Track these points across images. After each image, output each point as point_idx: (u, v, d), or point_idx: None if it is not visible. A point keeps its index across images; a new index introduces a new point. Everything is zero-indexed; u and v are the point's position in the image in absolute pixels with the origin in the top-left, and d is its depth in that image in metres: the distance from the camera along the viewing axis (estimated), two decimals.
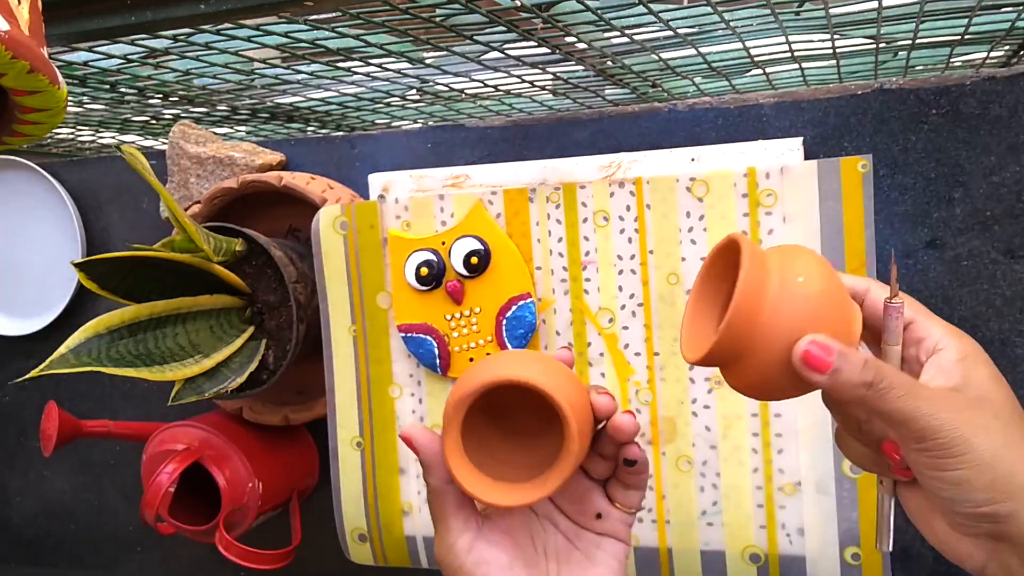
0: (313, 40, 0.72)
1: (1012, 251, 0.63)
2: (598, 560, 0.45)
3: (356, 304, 0.72)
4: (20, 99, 0.46)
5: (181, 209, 0.65)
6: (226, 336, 0.71)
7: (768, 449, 0.63)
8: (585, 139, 0.72)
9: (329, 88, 0.94)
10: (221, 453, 0.74)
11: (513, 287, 0.67)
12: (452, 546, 0.42)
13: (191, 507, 0.74)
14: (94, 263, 0.63)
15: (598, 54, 0.82)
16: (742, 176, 0.62)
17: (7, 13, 0.44)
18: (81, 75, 0.80)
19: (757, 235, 0.62)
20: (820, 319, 0.36)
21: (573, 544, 0.46)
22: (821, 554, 0.62)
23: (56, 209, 0.90)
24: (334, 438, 0.73)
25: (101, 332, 0.64)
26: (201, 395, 0.66)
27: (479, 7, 0.63)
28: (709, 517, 0.65)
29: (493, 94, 1.00)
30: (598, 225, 0.66)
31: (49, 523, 0.97)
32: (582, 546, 0.46)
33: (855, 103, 0.66)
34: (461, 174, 0.71)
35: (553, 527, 0.46)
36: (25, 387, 0.95)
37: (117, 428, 0.80)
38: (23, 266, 0.92)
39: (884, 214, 0.65)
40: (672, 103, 0.70)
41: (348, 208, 0.71)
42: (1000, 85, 0.63)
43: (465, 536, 0.42)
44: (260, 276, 0.72)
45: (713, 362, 0.38)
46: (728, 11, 0.68)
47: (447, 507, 0.43)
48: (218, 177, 0.80)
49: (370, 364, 0.72)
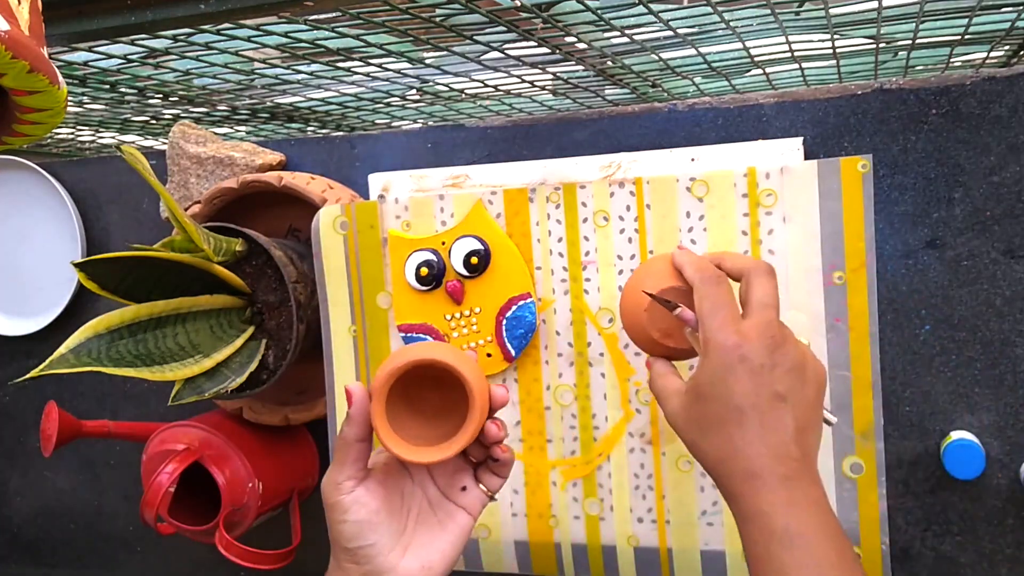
0: (313, 40, 0.72)
1: (1012, 251, 0.63)
2: (449, 528, 0.53)
3: (356, 304, 0.72)
4: (20, 99, 0.46)
5: (181, 209, 0.65)
6: (226, 336, 0.71)
7: None
8: (585, 139, 0.72)
9: (329, 88, 0.94)
10: (221, 453, 0.74)
11: (513, 287, 0.67)
12: (339, 484, 0.51)
13: (191, 507, 0.74)
14: (94, 263, 0.63)
15: (598, 54, 0.82)
16: (742, 176, 0.62)
17: (7, 13, 0.44)
18: (81, 75, 0.80)
19: (757, 235, 0.62)
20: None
21: (433, 509, 0.54)
22: None
23: (56, 209, 0.90)
24: (334, 438, 0.73)
25: (101, 332, 0.64)
26: (201, 395, 0.66)
27: (479, 7, 0.63)
28: (709, 517, 0.65)
29: (493, 94, 1.00)
30: (598, 225, 0.66)
31: (49, 523, 0.97)
32: (440, 513, 0.54)
33: (855, 103, 0.66)
34: (461, 174, 0.71)
35: (422, 492, 0.54)
36: (25, 387, 0.95)
37: (117, 428, 0.80)
38: (23, 266, 0.92)
39: (884, 214, 0.65)
40: (672, 103, 0.70)
41: (348, 208, 0.71)
42: (1000, 85, 0.63)
43: (352, 480, 0.51)
44: (260, 276, 0.72)
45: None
46: (728, 11, 0.68)
47: (349, 455, 0.51)
48: (218, 177, 0.80)
49: (370, 364, 0.72)
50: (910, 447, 0.66)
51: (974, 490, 0.65)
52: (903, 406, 0.66)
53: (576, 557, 0.68)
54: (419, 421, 0.53)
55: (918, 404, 0.66)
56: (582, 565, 0.68)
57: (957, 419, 0.65)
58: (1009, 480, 0.64)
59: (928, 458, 0.66)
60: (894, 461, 0.66)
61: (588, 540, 0.68)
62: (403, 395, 0.52)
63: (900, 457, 0.66)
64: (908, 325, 0.65)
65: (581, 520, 0.68)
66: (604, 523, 0.67)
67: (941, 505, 0.66)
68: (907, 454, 0.66)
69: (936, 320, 0.65)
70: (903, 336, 0.66)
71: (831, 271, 0.61)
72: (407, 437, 0.51)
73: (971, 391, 0.65)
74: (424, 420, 0.53)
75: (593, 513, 0.68)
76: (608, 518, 0.67)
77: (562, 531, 0.68)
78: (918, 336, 0.65)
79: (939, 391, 0.65)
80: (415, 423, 0.53)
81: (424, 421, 0.53)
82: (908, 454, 0.66)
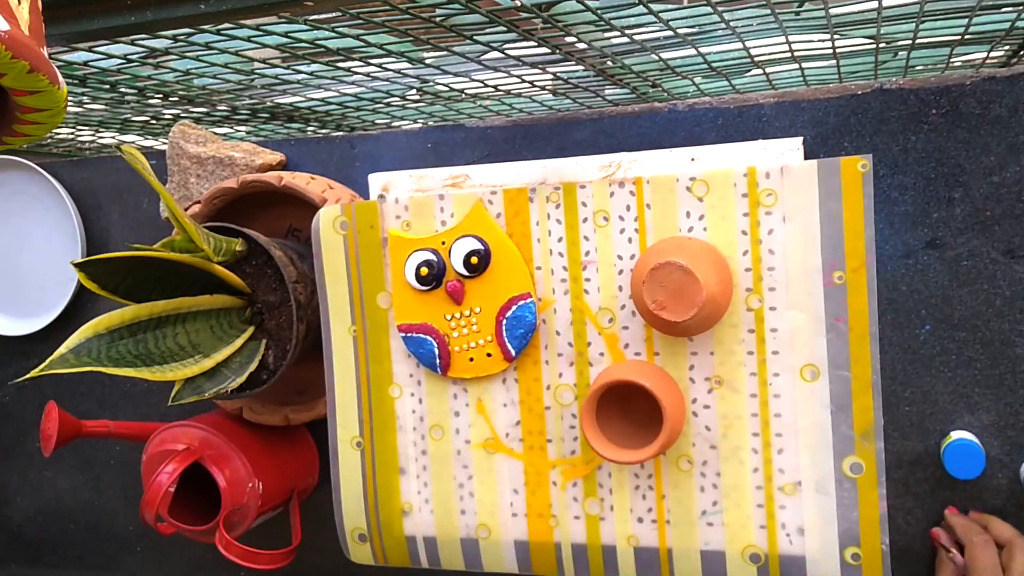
0: (313, 40, 0.72)
1: (1012, 251, 0.63)
2: None
3: (356, 304, 0.72)
4: (20, 99, 0.46)
5: (181, 209, 0.65)
6: (226, 336, 0.71)
7: (768, 449, 0.63)
8: (585, 139, 0.72)
9: (329, 88, 0.94)
10: (221, 453, 0.74)
11: (513, 287, 0.67)
12: None
13: (191, 507, 0.74)
14: (94, 263, 0.63)
15: (598, 54, 0.82)
16: (742, 176, 0.62)
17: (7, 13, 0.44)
18: (81, 75, 0.80)
19: (757, 235, 0.62)
20: None
21: None
22: (821, 554, 0.62)
23: (56, 209, 0.90)
24: (334, 438, 0.73)
25: (101, 332, 0.64)
26: (201, 395, 0.66)
27: (479, 7, 0.63)
28: (709, 517, 0.65)
29: (493, 94, 1.00)
30: (598, 225, 0.66)
31: (49, 523, 0.97)
32: None
33: (855, 103, 0.66)
34: (461, 174, 0.71)
35: None
36: (25, 387, 0.95)
37: (117, 428, 0.80)
38: (23, 266, 0.92)
39: (884, 214, 0.65)
40: (672, 103, 0.70)
41: (348, 208, 0.71)
42: (1000, 85, 0.63)
43: None
44: (260, 276, 0.72)
45: None
46: (728, 11, 0.68)
47: None
48: (218, 177, 0.80)
49: (370, 364, 0.72)
50: (910, 447, 0.66)
51: (974, 490, 0.65)
52: (903, 406, 0.66)
53: (576, 557, 0.68)
54: (628, 420, 0.63)
55: (918, 404, 0.66)
56: (582, 565, 0.68)
57: (957, 419, 0.65)
58: (1009, 480, 0.64)
59: (928, 458, 0.66)
60: (894, 461, 0.66)
61: (588, 540, 0.68)
62: (615, 405, 0.63)
63: (900, 457, 0.66)
64: (908, 325, 0.65)
65: (581, 520, 0.68)
66: (604, 523, 0.67)
67: (941, 505, 0.66)
68: (907, 454, 0.66)
69: (936, 320, 0.65)
70: (903, 336, 0.66)
71: (831, 271, 0.61)
72: (617, 434, 0.62)
73: (971, 391, 0.65)
74: (633, 419, 0.63)
75: (593, 513, 0.68)
76: (608, 518, 0.67)
77: (562, 531, 0.68)
78: (918, 336, 0.65)
79: (939, 391, 0.65)
80: (624, 422, 0.63)
81: (633, 419, 0.63)
82: (908, 454, 0.66)
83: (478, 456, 0.70)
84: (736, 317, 0.63)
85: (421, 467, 0.71)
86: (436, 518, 0.71)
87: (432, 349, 0.69)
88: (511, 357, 0.68)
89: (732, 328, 0.63)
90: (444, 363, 0.69)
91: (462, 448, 0.70)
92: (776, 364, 0.63)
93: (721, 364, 0.64)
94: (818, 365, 0.62)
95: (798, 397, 0.62)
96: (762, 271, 0.62)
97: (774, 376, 0.63)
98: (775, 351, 0.62)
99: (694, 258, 0.59)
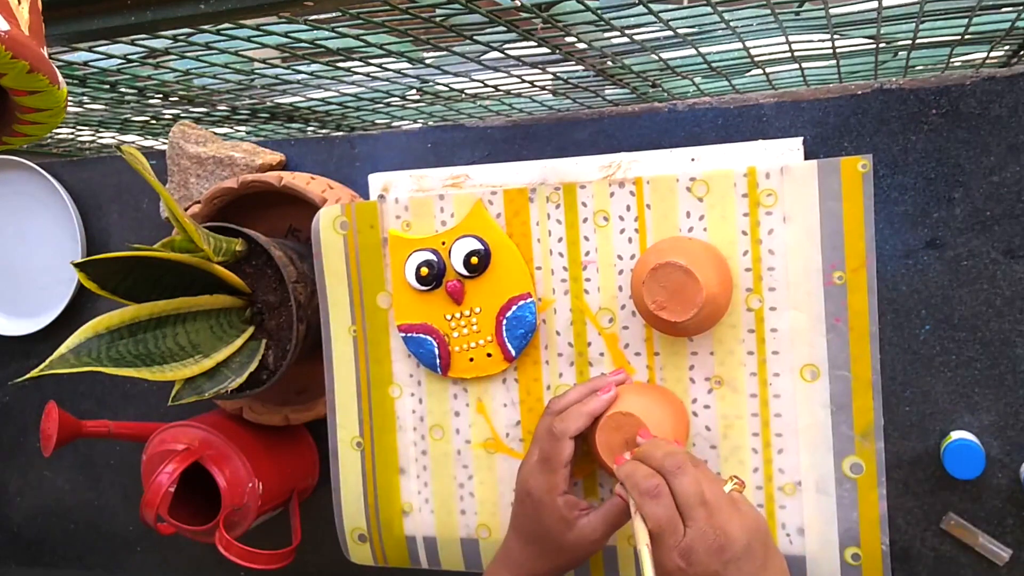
0: (313, 40, 0.72)
1: (1012, 251, 0.63)
2: None
3: (356, 304, 0.72)
4: (20, 99, 0.46)
5: (181, 209, 0.65)
6: (226, 336, 0.71)
7: (768, 449, 0.63)
8: (585, 139, 0.72)
9: (329, 88, 0.94)
10: (221, 453, 0.74)
11: (513, 287, 0.67)
12: (557, 487, 0.60)
13: (191, 507, 0.74)
14: (94, 263, 0.63)
15: (598, 54, 0.82)
16: (742, 176, 0.62)
17: (7, 13, 0.44)
18: (81, 75, 0.80)
19: (757, 235, 0.62)
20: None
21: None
22: (821, 554, 0.62)
23: (56, 209, 0.90)
24: (334, 438, 0.73)
25: (101, 332, 0.64)
26: (201, 395, 0.66)
27: (479, 7, 0.63)
28: None
29: (493, 94, 1.00)
30: (598, 225, 0.66)
31: (49, 523, 0.97)
32: None
33: (855, 103, 0.66)
34: (461, 174, 0.71)
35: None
36: (25, 387, 0.95)
37: (117, 428, 0.80)
38: (23, 266, 0.92)
39: (884, 214, 0.65)
40: (672, 103, 0.70)
41: (348, 208, 0.71)
42: (1000, 85, 0.63)
43: (565, 484, 0.60)
44: (260, 276, 0.72)
45: None
46: (728, 11, 0.68)
47: (567, 461, 0.60)
48: (218, 177, 0.80)
49: (370, 364, 0.72)
50: (910, 447, 0.66)
51: (974, 490, 0.65)
52: (903, 406, 0.66)
53: None
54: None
55: (918, 404, 0.66)
56: (582, 565, 0.68)
57: (957, 419, 0.65)
58: (1009, 480, 0.64)
59: (928, 458, 0.66)
60: (894, 461, 0.66)
61: None
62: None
63: (900, 457, 0.66)
64: (908, 325, 0.65)
65: None
66: None
67: (941, 505, 0.66)
68: (907, 454, 0.66)
69: (936, 320, 0.65)
70: (903, 336, 0.66)
71: (831, 271, 0.61)
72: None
73: (971, 391, 0.65)
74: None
75: None
76: None
77: None
78: (918, 336, 0.65)
79: (939, 391, 0.65)
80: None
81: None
82: (908, 454, 0.66)
83: (478, 456, 0.70)
84: (736, 317, 0.63)
85: (421, 467, 0.71)
86: (436, 518, 0.71)
87: (432, 349, 0.69)
88: (511, 357, 0.68)
89: (732, 328, 0.63)
90: (444, 363, 0.69)
91: (462, 448, 0.70)
92: (776, 364, 0.63)
93: (721, 364, 0.64)
94: (818, 365, 0.62)
95: (798, 397, 0.62)
96: (762, 271, 0.62)
97: (774, 376, 0.63)
98: (775, 351, 0.62)
99: (694, 258, 0.59)
